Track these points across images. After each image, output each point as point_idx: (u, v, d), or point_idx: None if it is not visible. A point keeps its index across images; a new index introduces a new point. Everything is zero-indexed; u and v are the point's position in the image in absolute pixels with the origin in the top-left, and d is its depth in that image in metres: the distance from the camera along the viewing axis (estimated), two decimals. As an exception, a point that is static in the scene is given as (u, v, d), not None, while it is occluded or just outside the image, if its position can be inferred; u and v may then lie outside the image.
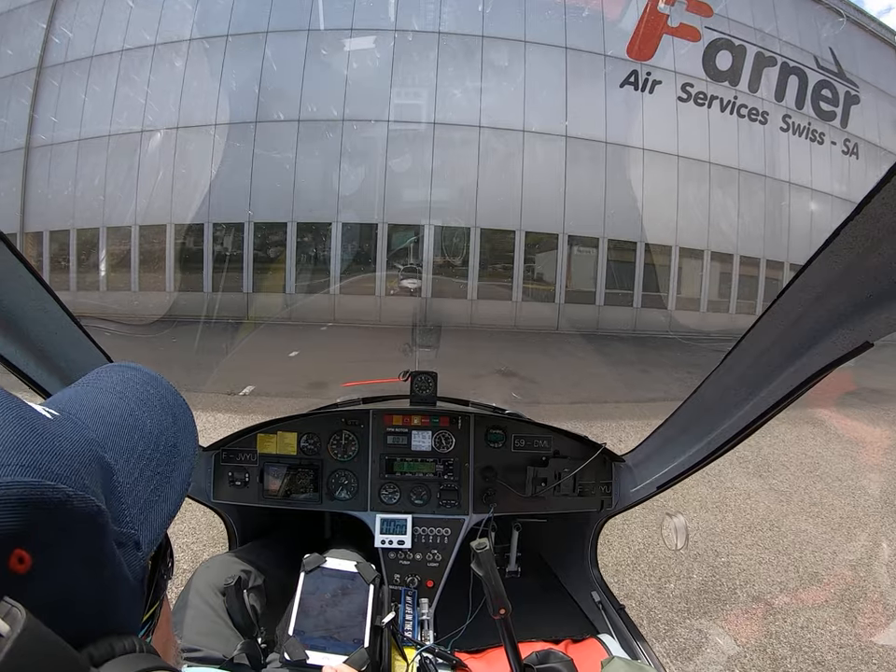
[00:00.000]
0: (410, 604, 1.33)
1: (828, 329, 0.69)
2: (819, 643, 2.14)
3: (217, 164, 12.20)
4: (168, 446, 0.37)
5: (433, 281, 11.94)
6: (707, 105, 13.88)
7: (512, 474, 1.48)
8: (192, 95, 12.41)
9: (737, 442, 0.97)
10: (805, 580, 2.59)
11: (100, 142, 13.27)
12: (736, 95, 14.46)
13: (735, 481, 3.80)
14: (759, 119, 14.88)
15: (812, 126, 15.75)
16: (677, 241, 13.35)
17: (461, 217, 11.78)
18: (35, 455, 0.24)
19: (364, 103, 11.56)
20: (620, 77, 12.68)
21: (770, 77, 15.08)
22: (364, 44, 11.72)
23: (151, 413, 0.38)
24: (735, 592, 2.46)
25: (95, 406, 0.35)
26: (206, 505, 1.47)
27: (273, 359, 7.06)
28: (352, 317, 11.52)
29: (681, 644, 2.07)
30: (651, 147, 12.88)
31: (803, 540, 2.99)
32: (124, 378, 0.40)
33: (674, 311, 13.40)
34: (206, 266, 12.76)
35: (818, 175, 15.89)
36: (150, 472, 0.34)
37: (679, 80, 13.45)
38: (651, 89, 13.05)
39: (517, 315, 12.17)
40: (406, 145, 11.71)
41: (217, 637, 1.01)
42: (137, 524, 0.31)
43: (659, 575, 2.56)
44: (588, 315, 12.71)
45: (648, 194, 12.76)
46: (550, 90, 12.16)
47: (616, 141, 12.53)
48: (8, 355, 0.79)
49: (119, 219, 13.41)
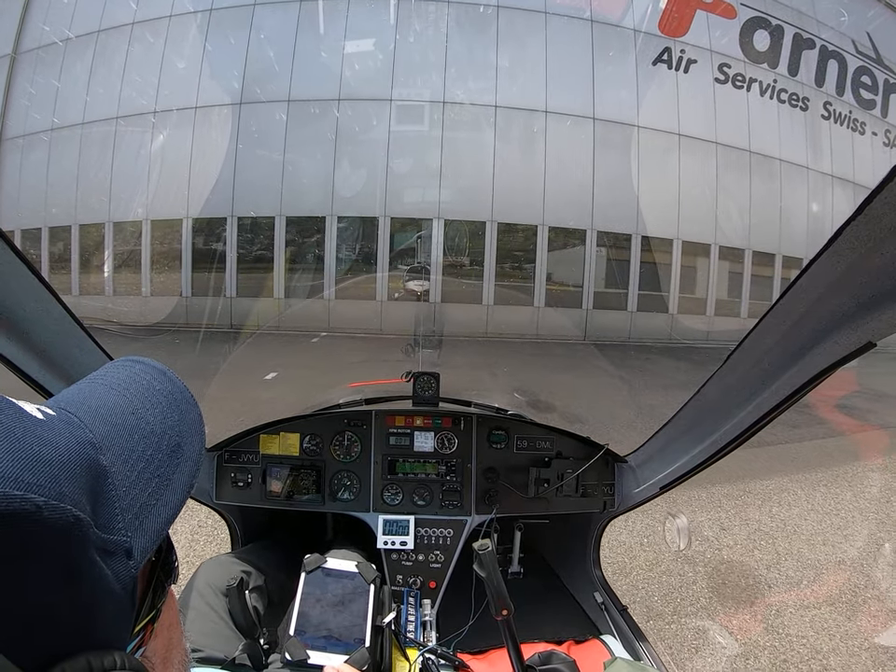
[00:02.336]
0: (412, 605, 1.32)
1: (830, 330, 0.69)
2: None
3: (197, 151, 10.73)
4: (171, 446, 0.35)
5: (442, 284, 10.39)
6: (745, 88, 12.48)
7: (515, 475, 1.47)
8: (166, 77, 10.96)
9: (740, 443, 0.96)
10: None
11: (67, 134, 11.82)
12: (776, 79, 13.11)
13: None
14: (800, 106, 13.52)
15: (853, 115, 14.45)
16: (715, 239, 11.87)
17: (474, 211, 10.26)
18: (1, 465, 0.23)
19: (363, 80, 10.09)
20: (652, 55, 11.25)
21: (809, 60, 13.81)
22: (364, 14, 10.26)
23: (155, 410, 0.36)
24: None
25: (97, 404, 0.34)
26: (209, 506, 1.46)
27: (241, 386, 5.37)
28: (349, 325, 9.96)
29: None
30: (687, 132, 11.41)
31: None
32: (131, 373, 0.39)
33: (714, 317, 11.87)
34: (185, 267, 11.25)
35: (860, 169, 14.48)
36: (149, 474, 0.33)
37: (716, 60, 12.05)
38: (687, 68, 11.64)
39: (539, 322, 10.60)
40: (412, 128, 10.21)
41: (219, 637, 1.01)
42: (131, 530, 0.30)
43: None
44: (617, 321, 11.15)
45: (685, 186, 11.28)
46: (574, 66, 10.70)
47: (648, 125, 11.06)
48: (10, 355, 0.79)
49: (91, 216, 11.96)
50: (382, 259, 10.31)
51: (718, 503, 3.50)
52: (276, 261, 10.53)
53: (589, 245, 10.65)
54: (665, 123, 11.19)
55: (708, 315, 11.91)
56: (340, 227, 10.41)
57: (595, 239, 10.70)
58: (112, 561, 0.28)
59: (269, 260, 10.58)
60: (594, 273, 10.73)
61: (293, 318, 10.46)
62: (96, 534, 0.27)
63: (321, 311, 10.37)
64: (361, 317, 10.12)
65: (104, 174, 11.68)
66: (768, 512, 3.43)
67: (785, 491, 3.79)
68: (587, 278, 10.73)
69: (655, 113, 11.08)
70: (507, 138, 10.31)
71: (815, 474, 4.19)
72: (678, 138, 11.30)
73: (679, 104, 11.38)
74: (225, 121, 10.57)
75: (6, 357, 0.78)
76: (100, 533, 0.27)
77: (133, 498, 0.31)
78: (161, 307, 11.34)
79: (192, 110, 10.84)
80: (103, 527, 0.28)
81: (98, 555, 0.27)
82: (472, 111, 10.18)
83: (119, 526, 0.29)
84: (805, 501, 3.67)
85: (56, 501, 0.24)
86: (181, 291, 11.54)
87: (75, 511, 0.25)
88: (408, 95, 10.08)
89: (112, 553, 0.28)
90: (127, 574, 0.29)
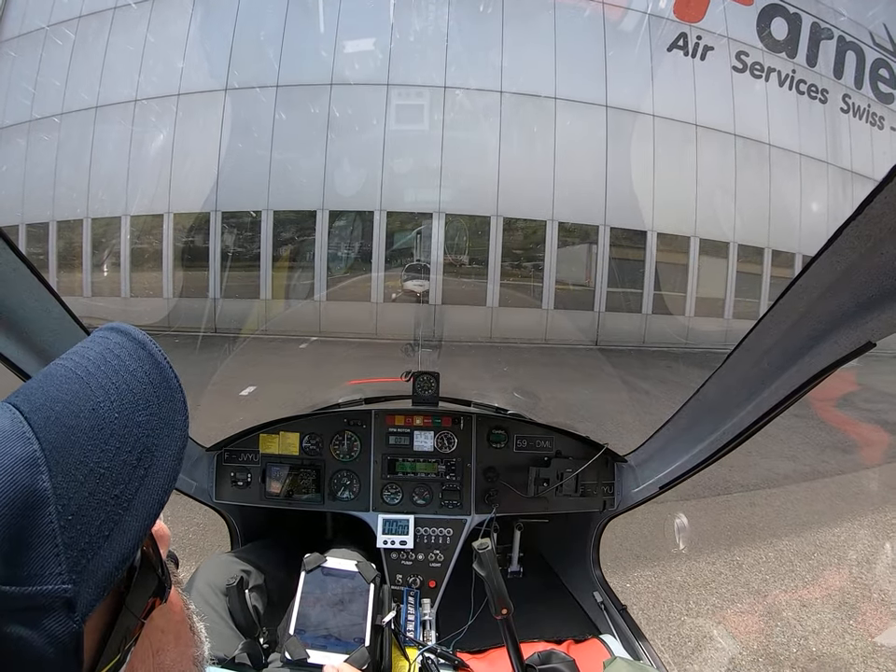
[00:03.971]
0: (412, 604, 1.32)
1: (830, 329, 0.69)
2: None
3: (177, 142, 9.95)
4: (138, 452, 0.28)
5: (443, 284, 9.61)
6: (764, 78, 11.81)
7: (514, 474, 1.46)
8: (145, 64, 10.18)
9: (740, 442, 0.96)
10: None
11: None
12: (794, 69, 12.46)
13: None
14: (819, 98, 12.88)
15: (871, 108, 13.87)
16: (734, 238, 11.16)
17: (478, 205, 9.50)
18: None
19: (358, 62, 9.33)
20: (667, 40, 10.54)
21: (828, 50, 13.24)
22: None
23: (123, 401, 0.29)
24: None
25: (53, 398, 0.28)
26: (208, 505, 1.44)
27: (212, 402, 4.56)
28: (341, 329, 9.17)
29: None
30: (705, 123, 10.70)
31: None
32: (104, 349, 0.32)
33: (731, 319, 11.14)
34: (166, 267, 10.46)
35: (879, 166, 13.87)
36: (104, 494, 0.26)
37: (734, 48, 11.36)
38: (703, 55, 10.95)
39: (548, 326, 9.83)
40: (409, 115, 9.44)
41: (219, 636, 0.98)
42: (75, 572, 0.24)
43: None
44: (629, 324, 10.40)
45: (703, 180, 10.57)
46: (585, 50, 9.97)
47: (664, 114, 10.34)
48: (10, 355, 0.79)
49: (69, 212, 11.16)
50: (378, 258, 9.51)
51: (790, 565, 2.87)
52: (263, 260, 9.73)
53: (602, 241, 9.89)
54: (681, 113, 10.47)
55: (726, 318, 11.18)
56: (332, 222, 9.62)
57: (608, 236, 9.94)
58: (45, 620, 0.23)
59: (255, 258, 9.78)
60: (606, 273, 9.97)
61: (281, 321, 9.67)
62: (12, 594, 0.22)
63: (311, 313, 9.58)
64: (355, 320, 9.33)
65: (82, 167, 10.90)
66: (848, 575, 2.85)
67: (858, 540, 3.18)
68: (600, 278, 9.97)
69: (671, 102, 10.36)
70: (513, 126, 9.55)
71: (887, 514, 3.58)
72: (695, 129, 10.58)
73: (697, 92, 10.67)
74: (209, 108, 9.78)
75: (5, 357, 0.77)
76: (23, 589, 0.22)
77: (79, 530, 0.25)
78: (143, 309, 10.56)
79: (175, 97, 10.08)
80: (31, 578, 0.22)
81: (15, 622, 0.21)
82: (475, 97, 9.41)
83: (56, 571, 0.23)
84: (893, 555, 3.05)
85: None
86: (163, 292, 10.76)
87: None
88: (406, 79, 9.30)
89: (44, 608, 0.23)
90: (66, 632, 0.23)
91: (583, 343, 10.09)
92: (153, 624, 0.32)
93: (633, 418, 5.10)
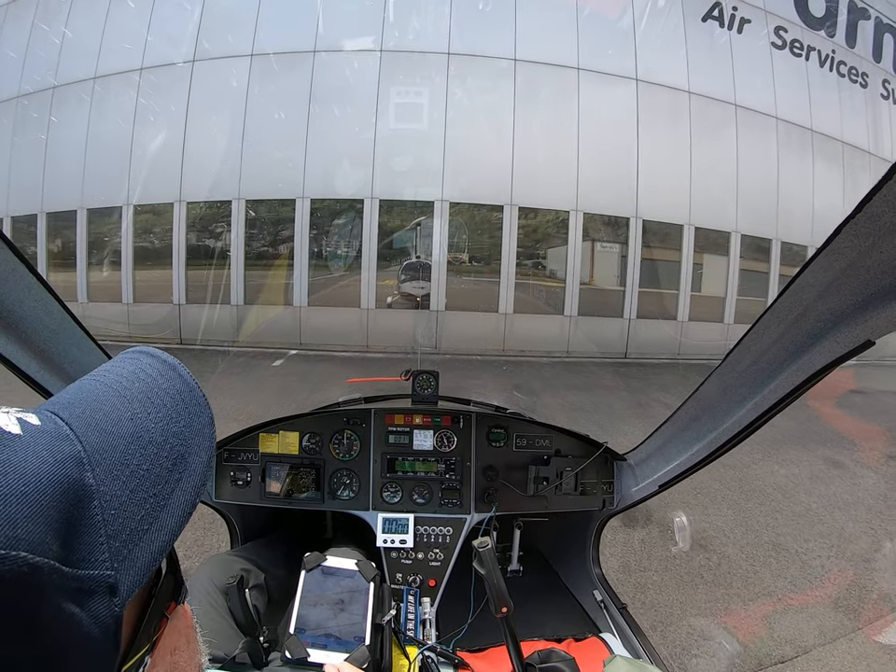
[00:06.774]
0: (412, 603, 1.31)
1: (829, 328, 0.69)
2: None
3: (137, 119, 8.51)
4: (173, 457, 0.31)
5: (446, 287, 8.15)
6: (804, 57, 10.56)
7: (514, 473, 1.47)
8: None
9: (739, 441, 0.95)
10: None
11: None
12: (834, 49, 11.24)
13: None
14: (859, 81, 11.68)
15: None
16: (778, 234, 9.83)
17: (488, 193, 8.09)
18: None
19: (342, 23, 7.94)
20: (702, 9, 9.26)
21: (866, 31, 12.06)
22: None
23: (158, 413, 0.32)
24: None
25: (92, 407, 0.30)
26: (208, 504, 1.45)
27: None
28: (325, 341, 7.70)
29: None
30: (744, 104, 9.40)
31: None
32: (136, 368, 0.35)
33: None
34: (125, 267, 8.98)
35: (918, 158, 12.58)
36: (144, 493, 0.29)
37: (772, 22, 10.11)
38: (740, 28, 9.67)
39: (571, 335, 8.37)
40: (406, 87, 8.04)
41: (219, 635, 0.98)
42: (117, 561, 0.26)
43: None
44: (661, 333, 8.99)
45: (742, 168, 9.25)
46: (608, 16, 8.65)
47: (700, 92, 9.03)
48: (9, 355, 0.79)
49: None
50: (369, 256, 8.05)
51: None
52: (235, 258, 8.26)
53: (633, 237, 8.49)
54: (719, 91, 9.16)
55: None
56: (314, 212, 8.17)
57: (640, 229, 8.54)
58: (91, 601, 0.25)
59: (225, 256, 8.31)
60: (637, 274, 8.56)
61: (253, 332, 8.19)
62: (68, 575, 0.24)
63: (290, 322, 8.10)
64: (342, 331, 7.87)
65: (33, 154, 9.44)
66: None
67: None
68: (630, 280, 8.56)
69: (707, 78, 9.05)
70: (529, 100, 8.17)
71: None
72: (734, 109, 9.27)
73: (734, 70, 9.38)
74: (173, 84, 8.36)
75: (5, 357, 0.78)
76: (75, 571, 0.24)
77: (121, 523, 0.27)
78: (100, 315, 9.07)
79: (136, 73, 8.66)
80: (80, 562, 0.24)
81: (69, 600, 0.23)
82: (486, 64, 8.03)
83: (101, 558, 0.26)
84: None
85: (5, 550, 0.21)
86: (122, 297, 9.29)
87: (30, 559, 0.22)
88: (400, 44, 7.91)
89: (91, 591, 0.25)
90: (109, 614, 0.25)
91: (609, 354, 8.66)
92: (171, 624, 0.34)
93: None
